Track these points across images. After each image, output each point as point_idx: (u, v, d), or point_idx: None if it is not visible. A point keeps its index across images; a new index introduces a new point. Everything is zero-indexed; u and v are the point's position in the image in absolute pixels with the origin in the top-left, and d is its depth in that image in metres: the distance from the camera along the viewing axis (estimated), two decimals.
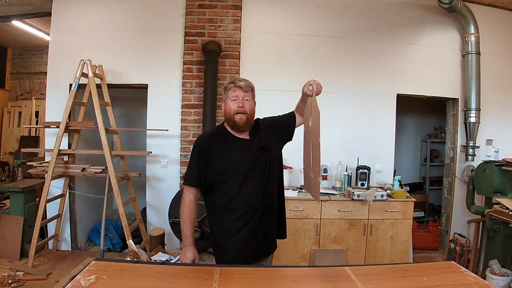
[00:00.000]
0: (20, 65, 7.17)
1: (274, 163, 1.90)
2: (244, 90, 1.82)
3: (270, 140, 1.91)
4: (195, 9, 3.87)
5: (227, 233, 1.81)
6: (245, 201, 1.80)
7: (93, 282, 1.30)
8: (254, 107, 1.88)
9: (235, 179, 1.80)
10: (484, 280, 1.45)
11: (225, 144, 1.85)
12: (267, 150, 1.87)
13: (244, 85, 1.82)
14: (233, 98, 1.82)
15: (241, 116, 1.80)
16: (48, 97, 3.98)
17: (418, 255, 4.19)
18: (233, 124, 1.83)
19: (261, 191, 1.81)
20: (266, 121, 2.00)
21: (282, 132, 1.97)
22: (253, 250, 1.82)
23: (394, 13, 4.09)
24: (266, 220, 1.85)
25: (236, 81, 1.85)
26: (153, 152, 3.81)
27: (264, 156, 1.85)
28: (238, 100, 1.81)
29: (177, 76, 3.90)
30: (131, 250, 2.50)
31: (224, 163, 1.81)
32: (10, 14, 4.28)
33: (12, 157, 6.14)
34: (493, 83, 4.21)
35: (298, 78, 3.93)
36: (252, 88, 1.87)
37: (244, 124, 1.82)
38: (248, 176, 1.80)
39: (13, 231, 3.60)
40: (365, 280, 1.41)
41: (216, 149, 1.83)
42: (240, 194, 1.80)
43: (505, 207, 3.05)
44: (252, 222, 1.80)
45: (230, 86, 1.84)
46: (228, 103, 1.84)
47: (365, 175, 3.65)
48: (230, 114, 1.82)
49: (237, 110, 1.80)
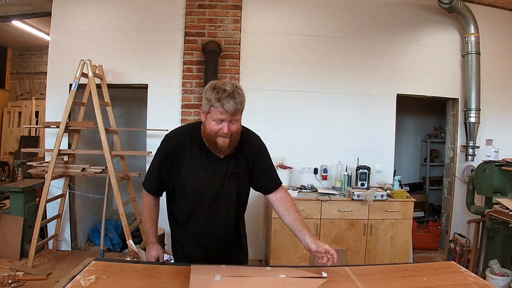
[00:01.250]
0: (20, 65, 7.17)
1: (243, 193, 1.67)
2: (231, 113, 1.45)
3: (248, 166, 1.65)
4: (195, 9, 3.87)
5: (180, 245, 1.71)
6: (197, 226, 1.64)
7: (93, 282, 1.30)
8: (240, 125, 1.56)
9: (190, 201, 1.61)
10: (484, 280, 1.45)
11: (193, 155, 1.58)
12: (238, 177, 1.62)
13: (233, 109, 1.44)
14: (217, 120, 1.47)
15: (224, 140, 1.50)
16: (48, 97, 3.98)
17: (418, 255, 4.19)
18: (213, 146, 1.53)
19: (218, 222, 1.63)
20: (257, 148, 1.68)
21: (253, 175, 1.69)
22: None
23: (394, 13, 4.09)
24: (221, 247, 1.67)
25: (223, 100, 1.43)
26: (153, 152, 3.80)
27: (235, 185, 1.61)
28: (223, 124, 1.47)
29: (177, 76, 3.90)
30: (131, 250, 2.50)
31: (184, 177, 1.58)
32: (10, 14, 4.28)
33: (12, 157, 6.14)
34: (493, 83, 4.21)
35: (298, 78, 3.99)
36: (242, 106, 1.49)
37: (227, 147, 1.52)
38: (207, 202, 1.60)
39: (13, 231, 3.60)
40: (365, 280, 1.41)
41: (181, 157, 1.57)
42: (194, 219, 1.63)
43: (505, 207, 3.05)
44: (205, 246, 1.66)
45: (216, 106, 1.44)
46: (210, 122, 1.49)
47: (365, 175, 3.65)
48: (210, 134, 1.50)
49: (219, 134, 1.49)
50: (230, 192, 1.62)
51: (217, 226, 1.64)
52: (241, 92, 1.48)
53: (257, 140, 1.72)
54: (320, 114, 3.99)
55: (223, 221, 1.65)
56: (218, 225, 1.65)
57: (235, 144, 1.56)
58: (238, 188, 1.64)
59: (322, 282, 1.37)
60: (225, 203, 1.62)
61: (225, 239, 1.68)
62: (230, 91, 1.45)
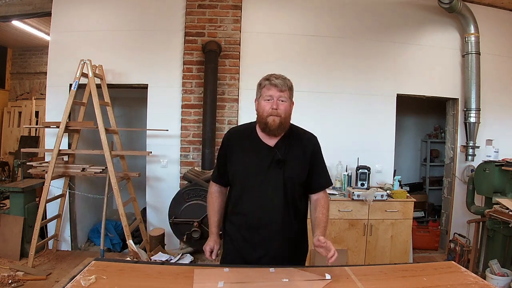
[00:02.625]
0: (20, 65, 7.17)
1: (290, 184, 1.64)
2: (279, 89, 1.59)
3: (300, 160, 1.66)
4: (195, 9, 3.87)
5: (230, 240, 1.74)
6: (242, 215, 1.67)
7: (93, 282, 1.30)
8: (290, 109, 1.65)
9: (239, 188, 1.69)
10: (484, 280, 1.45)
11: (244, 144, 1.70)
12: (284, 166, 1.63)
13: (280, 83, 1.60)
14: (267, 97, 1.61)
15: (274, 118, 1.59)
16: (48, 97, 3.98)
17: (418, 255, 4.19)
18: (264, 126, 1.62)
19: (263, 211, 1.63)
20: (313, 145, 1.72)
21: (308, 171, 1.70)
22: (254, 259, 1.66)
23: (394, 13, 4.09)
24: (272, 241, 1.64)
25: (271, 78, 1.62)
26: (153, 152, 3.81)
27: (280, 172, 1.63)
28: (273, 101, 1.60)
29: (177, 76, 3.90)
30: (131, 250, 2.50)
31: (235, 164, 1.69)
32: (10, 14, 4.28)
33: (12, 157, 6.14)
34: (493, 83, 4.21)
35: (298, 78, 3.96)
36: (290, 87, 1.64)
37: (277, 127, 1.60)
38: (252, 188, 1.64)
39: (13, 231, 3.60)
40: (365, 280, 1.41)
41: (235, 146, 1.71)
42: (240, 206, 1.68)
43: (505, 207, 3.05)
44: (253, 240, 1.65)
45: (265, 84, 1.63)
46: (261, 103, 1.63)
47: (365, 175, 3.65)
48: (262, 115, 1.62)
49: (270, 112, 1.59)
50: (276, 180, 1.63)
51: (261, 217, 1.63)
52: (289, 80, 1.66)
53: (314, 137, 1.77)
54: (320, 114, 3.99)
55: (268, 211, 1.63)
56: (262, 216, 1.63)
57: (286, 126, 1.64)
58: (284, 177, 1.63)
59: (325, 284, 1.37)
60: (269, 189, 1.62)
61: (271, 238, 1.64)
62: (278, 75, 1.65)
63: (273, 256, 1.65)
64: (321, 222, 1.65)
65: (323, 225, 1.65)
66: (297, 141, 1.69)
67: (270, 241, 1.65)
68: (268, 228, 1.64)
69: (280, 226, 1.65)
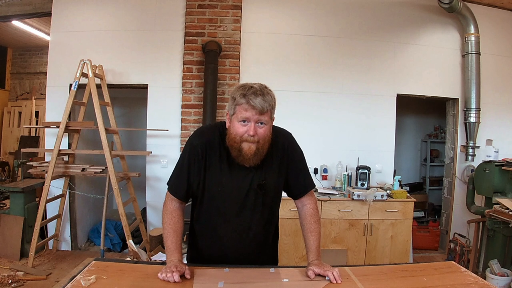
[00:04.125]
0: (20, 65, 7.17)
1: (270, 204, 1.50)
2: (259, 111, 1.30)
3: (276, 172, 1.47)
4: (195, 9, 3.87)
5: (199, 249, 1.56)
6: (219, 238, 1.49)
7: (93, 282, 1.30)
8: (270, 131, 1.38)
9: (216, 209, 1.45)
10: (484, 280, 1.44)
11: (220, 158, 1.41)
12: (264, 188, 1.43)
13: (260, 104, 1.29)
14: (242, 118, 1.32)
15: (250, 145, 1.33)
16: (48, 97, 3.98)
17: (418, 255, 4.19)
18: (237, 154, 1.35)
19: (246, 231, 1.47)
20: (289, 149, 1.50)
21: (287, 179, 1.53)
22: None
23: (394, 13, 4.09)
24: (250, 257, 1.51)
25: (249, 94, 1.30)
26: (153, 152, 3.81)
27: (259, 195, 1.44)
28: (249, 125, 1.32)
29: (177, 76, 3.90)
30: (131, 250, 2.50)
31: (213, 184, 1.43)
32: (10, 14, 4.28)
33: (12, 157, 6.13)
34: (493, 83, 4.21)
35: (298, 78, 3.99)
36: (272, 106, 1.35)
37: (252, 156, 1.35)
38: (227, 215, 1.45)
39: (13, 231, 3.60)
40: (364, 280, 1.41)
41: (209, 158, 1.42)
42: (215, 229, 1.48)
43: (505, 207, 3.05)
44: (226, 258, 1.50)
45: (241, 102, 1.31)
46: (235, 124, 1.34)
47: (365, 175, 3.65)
48: (235, 139, 1.34)
49: (245, 138, 1.33)
50: (255, 204, 1.44)
51: (238, 242, 1.48)
52: (271, 92, 1.36)
53: (286, 138, 1.52)
54: (320, 114, 3.99)
55: (246, 236, 1.48)
56: (239, 241, 1.48)
57: (263, 154, 1.37)
58: (264, 200, 1.45)
59: (325, 284, 1.37)
60: (248, 215, 1.45)
61: (245, 253, 1.51)
62: (258, 88, 1.32)
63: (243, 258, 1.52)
64: (313, 241, 1.48)
65: (316, 243, 1.47)
66: (274, 152, 1.45)
67: (243, 254, 1.52)
68: (244, 250, 1.51)
69: (256, 246, 1.54)
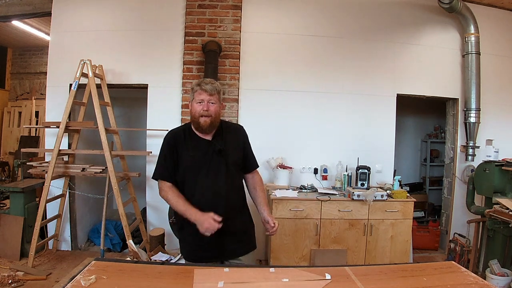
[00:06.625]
0: (20, 65, 7.17)
1: (231, 167, 1.94)
2: (209, 93, 1.86)
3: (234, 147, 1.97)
4: (195, 9, 3.87)
5: (188, 235, 1.92)
6: (201, 199, 1.86)
7: (93, 282, 1.30)
8: (219, 110, 1.93)
9: (191, 177, 1.89)
10: (484, 280, 1.45)
11: (187, 142, 1.93)
12: (225, 154, 1.91)
13: (209, 88, 1.86)
14: (199, 101, 1.87)
15: (205, 119, 1.86)
16: (48, 97, 3.98)
17: (418, 255, 4.19)
18: (197, 126, 1.89)
19: (217, 191, 1.87)
20: (243, 136, 2.05)
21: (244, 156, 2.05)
22: (213, 246, 1.87)
23: (394, 13, 4.09)
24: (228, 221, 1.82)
25: (202, 83, 1.88)
26: (153, 152, 3.81)
27: (222, 160, 1.90)
28: (203, 103, 1.86)
29: (177, 76, 3.90)
30: (131, 250, 2.50)
31: (186, 161, 1.89)
32: (10, 14, 4.28)
33: (12, 157, 6.13)
34: (493, 83, 4.21)
35: (298, 78, 3.98)
36: (218, 91, 1.91)
37: (208, 126, 1.87)
38: (203, 175, 1.87)
39: (13, 231, 3.60)
40: (365, 280, 1.41)
41: (178, 144, 1.92)
42: (197, 192, 1.88)
43: (505, 207, 3.05)
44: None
45: (196, 89, 1.88)
46: (194, 105, 1.89)
47: (365, 175, 3.65)
48: (195, 116, 1.88)
49: (201, 113, 1.85)
50: (219, 166, 1.90)
51: (213, 198, 1.86)
52: (217, 83, 1.94)
53: (244, 131, 2.10)
54: (320, 114, 3.99)
55: (220, 190, 1.88)
56: (214, 197, 1.86)
57: (216, 125, 1.92)
58: (227, 163, 1.92)
59: (325, 284, 1.37)
60: (216, 173, 1.88)
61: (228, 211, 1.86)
62: (208, 80, 1.93)
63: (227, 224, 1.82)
64: (263, 200, 2.03)
65: (265, 201, 2.03)
66: (229, 133, 2.00)
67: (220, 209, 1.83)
68: (220, 204, 1.87)
69: (227, 198, 1.91)
